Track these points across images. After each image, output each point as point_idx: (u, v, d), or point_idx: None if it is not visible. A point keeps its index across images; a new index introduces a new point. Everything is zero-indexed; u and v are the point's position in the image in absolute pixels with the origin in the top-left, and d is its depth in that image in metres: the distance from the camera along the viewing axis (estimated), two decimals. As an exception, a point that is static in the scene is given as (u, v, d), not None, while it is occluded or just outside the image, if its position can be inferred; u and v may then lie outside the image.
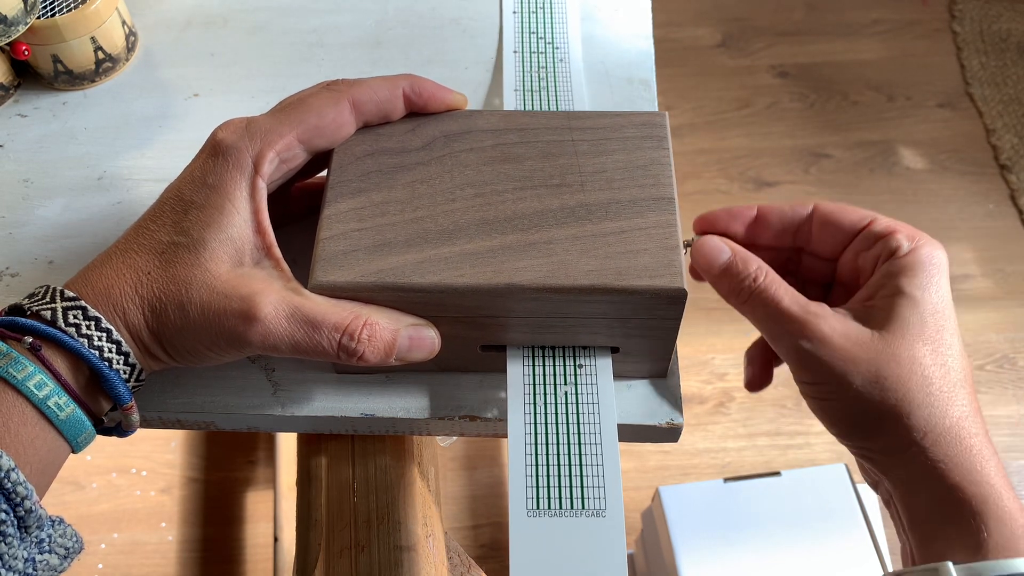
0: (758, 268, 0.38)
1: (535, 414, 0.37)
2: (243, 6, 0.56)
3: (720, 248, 0.39)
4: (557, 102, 0.48)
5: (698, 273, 0.41)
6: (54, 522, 0.32)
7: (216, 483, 1.16)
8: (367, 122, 0.40)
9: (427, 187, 0.38)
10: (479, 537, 1.13)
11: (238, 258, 0.35)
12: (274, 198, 0.38)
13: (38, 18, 0.48)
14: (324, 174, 0.39)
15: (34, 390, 0.31)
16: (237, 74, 0.52)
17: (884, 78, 1.58)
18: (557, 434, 0.36)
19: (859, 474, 1.13)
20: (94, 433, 0.34)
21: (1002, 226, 1.41)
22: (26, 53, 0.49)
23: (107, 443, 1.15)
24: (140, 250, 0.35)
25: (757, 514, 0.82)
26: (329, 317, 0.34)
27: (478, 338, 0.38)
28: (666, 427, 0.39)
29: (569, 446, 0.36)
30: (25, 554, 0.30)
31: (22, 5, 0.46)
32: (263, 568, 1.10)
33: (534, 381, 0.38)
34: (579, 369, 0.38)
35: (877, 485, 0.40)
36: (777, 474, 0.85)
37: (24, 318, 0.33)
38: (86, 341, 0.33)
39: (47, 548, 0.31)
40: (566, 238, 0.36)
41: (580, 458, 0.36)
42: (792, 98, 1.56)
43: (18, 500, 0.30)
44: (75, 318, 0.33)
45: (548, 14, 0.53)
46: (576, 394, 0.37)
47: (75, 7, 0.48)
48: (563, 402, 0.37)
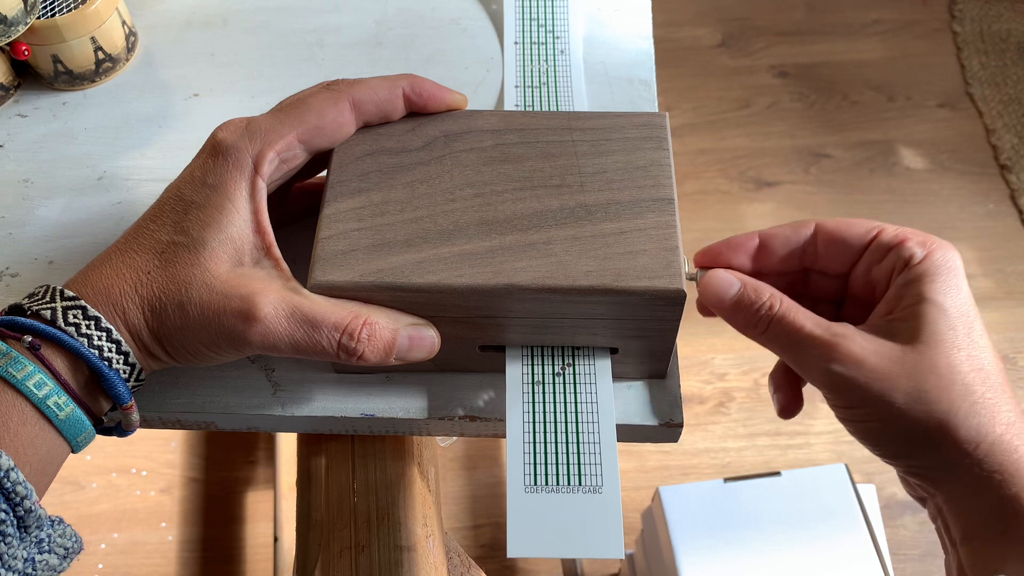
0: (771, 295, 0.37)
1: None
2: (243, 6, 0.56)
3: (729, 281, 0.38)
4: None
5: (706, 308, 0.40)
6: (54, 522, 0.32)
7: (216, 483, 1.16)
8: (367, 122, 0.40)
9: (427, 187, 0.38)
10: (479, 537, 1.13)
11: (238, 258, 0.35)
12: (274, 198, 0.38)
13: (38, 18, 0.48)
14: (324, 174, 0.39)
15: (34, 389, 0.31)
16: (237, 74, 0.52)
17: (884, 78, 1.58)
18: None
19: (859, 474, 1.13)
20: (94, 433, 0.34)
21: (1002, 226, 1.41)
22: (26, 53, 0.49)
23: (107, 443, 1.15)
24: (140, 250, 0.35)
25: (757, 514, 0.82)
26: (329, 317, 0.34)
27: (477, 338, 0.38)
28: (666, 427, 0.39)
29: (567, 434, 0.36)
30: (25, 554, 0.30)
31: (22, 5, 0.46)
32: (263, 568, 1.10)
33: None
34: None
35: (924, 500, 0.38)
36: (777, 474, 0.85)
37: (24, 317, 0.33)
38: (86, 340, 0.33)
39: (47, 548, 0.31)
40: (565, 239, 0.36)
41: (577, 436, 0.36)
42: (792, 98, 1.56)
43: (17, 500, 0.30)
44: (75, 318, 0.33)
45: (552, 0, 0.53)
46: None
47: (75, 7, 0.48)
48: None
